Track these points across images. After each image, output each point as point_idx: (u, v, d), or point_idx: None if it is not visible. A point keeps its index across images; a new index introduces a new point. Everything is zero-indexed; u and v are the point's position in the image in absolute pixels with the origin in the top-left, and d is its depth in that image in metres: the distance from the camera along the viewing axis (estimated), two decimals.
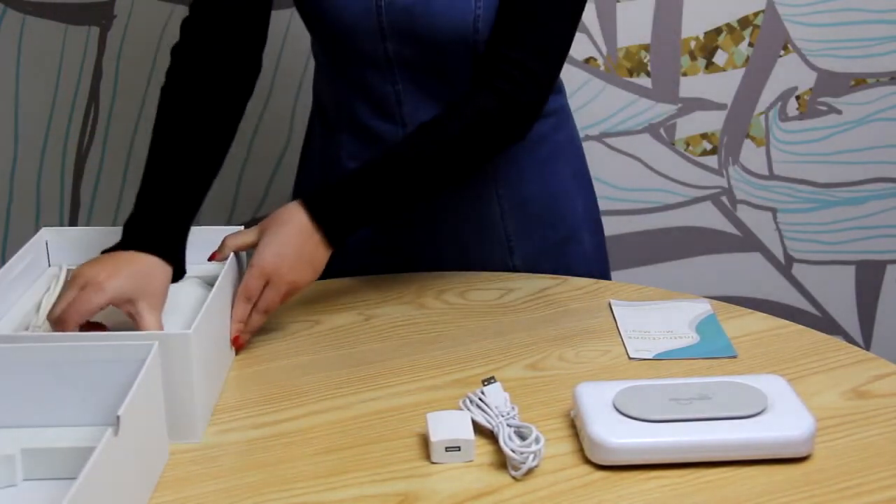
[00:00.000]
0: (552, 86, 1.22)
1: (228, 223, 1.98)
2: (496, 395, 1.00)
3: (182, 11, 1.85)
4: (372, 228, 1.36)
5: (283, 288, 1.14)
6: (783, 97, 2.00)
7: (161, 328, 1.06)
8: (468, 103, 1.19)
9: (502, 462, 0.95)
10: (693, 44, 1.95)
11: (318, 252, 1.17)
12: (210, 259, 1.17)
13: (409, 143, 1.20)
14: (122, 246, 1.11)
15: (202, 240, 1.22)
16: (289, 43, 1.89)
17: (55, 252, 1.23)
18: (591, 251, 1.43)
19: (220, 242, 1.19)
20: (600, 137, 1.99)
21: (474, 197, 1.35)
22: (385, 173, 1.18)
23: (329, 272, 1.42)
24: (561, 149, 1.39)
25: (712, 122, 2.01)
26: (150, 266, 1.09)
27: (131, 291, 1.05)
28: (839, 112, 2.02)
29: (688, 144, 2.02)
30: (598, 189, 1.47)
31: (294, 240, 1.15)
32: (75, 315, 1.02)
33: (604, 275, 1.44)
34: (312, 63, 1.91)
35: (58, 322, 1.03)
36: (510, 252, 1.38)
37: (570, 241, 1.40)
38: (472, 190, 1.34)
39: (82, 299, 1.03)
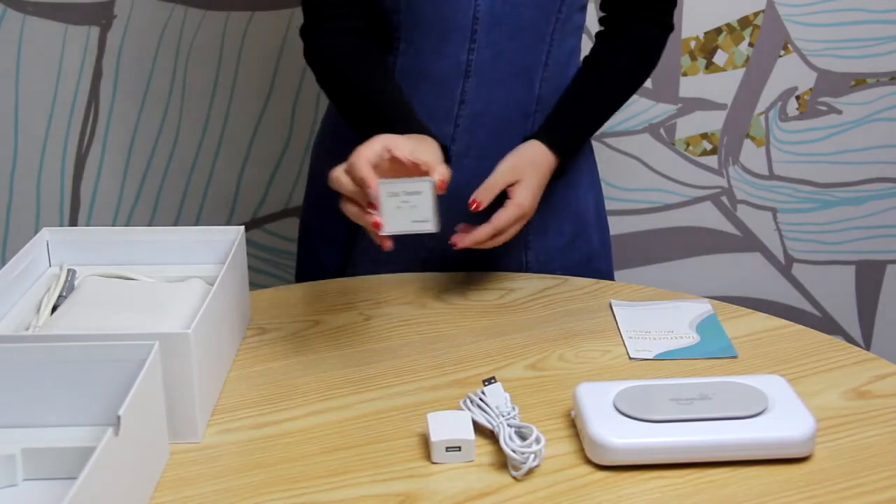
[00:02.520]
0: None
1: (228, 223, 1.98)
2: (497, 395, 1.00)
3: (182, 11, 1.85)
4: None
5: (526, 220, 1.24)
6: (783, 97, 2.00)
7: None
8: (637, 36, 1.34)
9: (503, 462, 0.95)
10: (693, 44, 1.95)
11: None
12: (473, 208, 1.21)
13: (603, 75, 1.32)
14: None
15: (203, 240, 1.22)
16: (289, 43, 1.89)
17: (55, 252, 1.23)
18: (599, 249, 1.43)
19: (219, 242, 1.19)
20: (600, 137, 1.99)
21: (501, 193, 1.34)
22: (595, 105, 1.33)
23: (336, 272, 1.41)
24: None
25: (712, 122, 2.01)
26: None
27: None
28: (839, 112, 2.02)
29: (688, 144, 2.02)
30: None
31: (544, 179, 1.26)
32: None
33: (609, 273, 1.44)
34: None
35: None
36: (526, 248, 1.37)
37: (580, 238, 1.40)
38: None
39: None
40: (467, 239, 1.20)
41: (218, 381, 1.09)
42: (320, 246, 1.43)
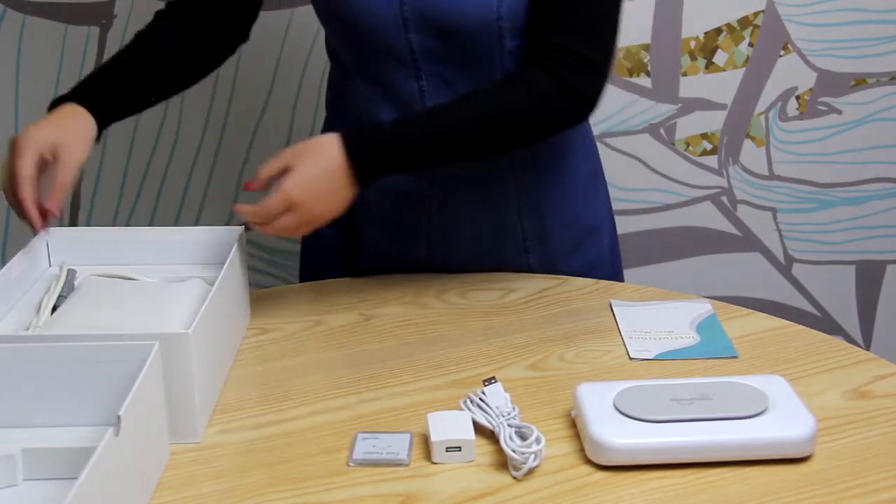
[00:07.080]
0: (609, 72, 1.20)
1: (228, 223, 1.98)
2: (497, 395, 1.00)
3: None
4: (387, 231, 1.35)
5: (304, 218, 1.14)
6: (783, 97, 2.00)
7: (68, 178, 1.15)
8: (522, 80, 1.18)
9: (503, 462, 0.95)
10: (693, 44, 1.95)
11: (345, 190, 1.16)
12: (246, 188, 1.17)
13: (456, 105, 1.19)
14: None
15: (202, 240, 1.22)
16: (289, 43, 1.89)
17: (55, 252, 1.23)
18: (607, 251, 1.42)
19: (219, 242, 1.19)
20: (600, 137, 1.99)
21: (494, 200, 1.34)
22: (425, 128, 1.18)
23: (341, 272, 1.41)
24: (579, 147, 1.38)
25: (712, 122, 2.01)
26: (72, 112, 1.21)
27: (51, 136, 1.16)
28: (839, 112, 2.02)
29: (688, 144, 2.02)
30: None
31: (326, 174, 1.14)
32: (12, 179, 1.14)
33: (617, 274, 1.44)
34: (312, 63, 1.92)
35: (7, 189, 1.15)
36: (525, 252, 1.37)
37: (588, 241, 1.40)
38: (491, 192, 1.33)
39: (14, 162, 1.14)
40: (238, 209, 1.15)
41: (218, 381, 1.09)
42: (321, 248, 1.43)
